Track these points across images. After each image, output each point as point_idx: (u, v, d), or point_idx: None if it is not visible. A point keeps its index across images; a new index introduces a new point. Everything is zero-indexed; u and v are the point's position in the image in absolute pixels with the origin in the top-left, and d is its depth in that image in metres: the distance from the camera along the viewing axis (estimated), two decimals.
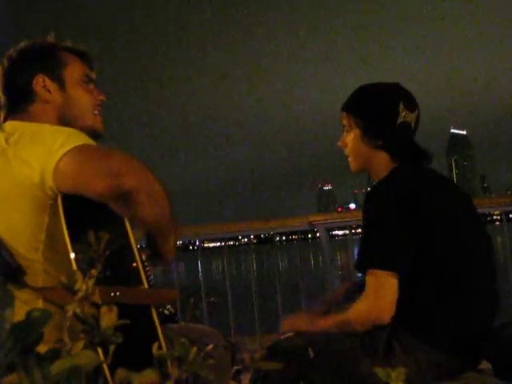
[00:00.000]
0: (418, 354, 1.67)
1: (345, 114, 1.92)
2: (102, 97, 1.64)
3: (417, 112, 1.87)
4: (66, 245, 1.23)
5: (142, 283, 1.27)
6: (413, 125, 1.85)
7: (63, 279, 0.64)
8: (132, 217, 1.29)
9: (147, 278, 1.36)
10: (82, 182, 1.25)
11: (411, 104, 1.86)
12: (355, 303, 1.75)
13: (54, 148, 1.27)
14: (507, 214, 4.09)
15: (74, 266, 1.21)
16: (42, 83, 1.54)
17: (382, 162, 1.85)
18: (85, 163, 1.26)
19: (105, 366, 1.11)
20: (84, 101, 1.59)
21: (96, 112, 1.62)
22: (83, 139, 1.31)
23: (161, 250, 1.42)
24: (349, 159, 1.94)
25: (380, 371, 0.58)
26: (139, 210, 1.26)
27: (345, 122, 1.92)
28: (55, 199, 1.28)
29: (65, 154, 1.25)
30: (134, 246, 1.27)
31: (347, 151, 1.93)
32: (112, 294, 1.16)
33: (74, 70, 1.59)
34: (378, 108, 1.86)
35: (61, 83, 1.56)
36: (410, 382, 1.71)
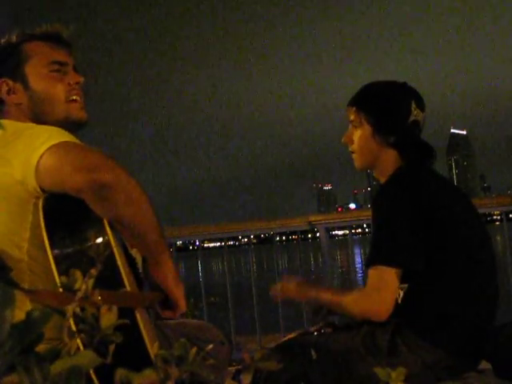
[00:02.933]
0: (424, 353, 1.67)
1: (354, 109, 1.87)
2: (78, 79, 1.54)
3: (425, 111, 1.87)
4: (45, 246, 1.22)
5: (123, 286, 1.24)
6: (421, 124, 1.86)
7: (64, 279, 0.64)
8: (112, 218, 1.27)
9: (136, 279, 1.34)
10: (61, 178, 1.24)
11: (422, 103, 1.86)
12: (354, 293, 1.75)
13: (35, 146, 1.26)
14: (507, 214, 4.09)
15: (54, 267, 1.21)
16: (5, 87, 1.50)
17: (390, 160, 1.84)
18: (63, 159, 1.25)
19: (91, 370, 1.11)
20: (52, 92, 1.50)
21: (75, 97, 1.53)
22: (65, 137, 1.30)
23: (159, 280, 1.35)
24: (354, 156, 1.90)
25: (380, 371, 0.58)
26: (117, 208, 1.25)
27: (353, 117, 1.88)
28: (38, 198, 1.28)
29: (45, 151, 1.24)
30: (114, 248, 1.25)
31: (353, 147, 1.90)
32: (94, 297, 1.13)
33: (37, 62, 1.51)
34: (392, 105, 1.84)
35: (23, 81, 1.50)
36: (415, 380, 1.71)
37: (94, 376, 1.11)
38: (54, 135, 1.30)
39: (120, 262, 1.25)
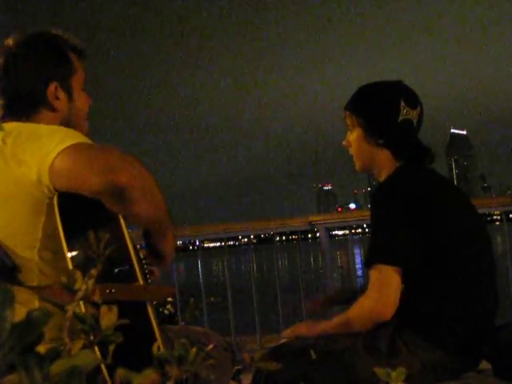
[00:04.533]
0: (424, 353, 1.67)
1: (348, 113, 1.92)
2: (91, 101, 1.59)
3: (419, 109, 1.85)
4: (61, 244, 1.23)
5: (137, 280, 1.27)
6: (415, 122, 1.84)
7: (63, 279, 0.64)
8: (127, 214, 1.29)
9: (144, 275, 1.36)
10: (77, 179, 1.24)
11: (412, 101, 1.85)
12: (358, 300, 1.75)
13: (50, 147, 1.26)
14: (507, 213, 4.09)
15: (70, 265, 1.21)
16: (54, 91, 1.49)
17: (385, 161, 1.85)
18: (79, 160, 1.25)
19: (103, 367, 1.12)
20: (83, 109, 1.56)
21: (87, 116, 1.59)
22: (80, 138, 1.31)
23: (160, 250, 1.40)
24: (354, 158, 1.94)
25: (380, 371, 0.58)
26: (134, 206, 1.26)
27: (348, 121, 1.92)
28: (52, 198, 1.28)
29: (60, 152, 1.24)
30: (128, 243, 1.27)
31: (351, 150, 1.93)
32: (107, 291, 1.16)
33: (79, 78, 1.54)
34: (379, 106, 1.85)
35: (69, 92, 1.52)
36: (414, 381, 1.71)
37: (106, 373, 1.12)
38: (69, 135, 1.30)
39: (134, 258, 1.27)
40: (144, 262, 1.47)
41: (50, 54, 1.51)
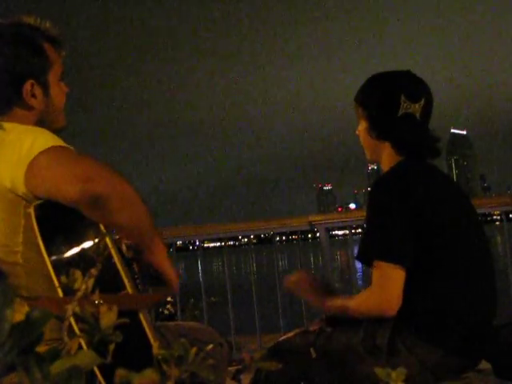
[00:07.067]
0: (423, 353, 1.66)
1: (356, 104, 1.91)
2: (67, 89, 1.52)
3: (423, 101, 1.80)
4: (40, 249, 1.21)
5: (124, 288, 1.24)
6: (418, 115, 1.79)
7: (63, 280, 0.64)
8: (107, 224, 1.26)
9: (133, 281, 1.34)
10: (53, 188, 1.22)
11: (415, 94, 1.80)
12: (360, 294, 1.75)
13: (22, 153, 1.23)
14: (507, 213, 4.09)
15: (51, 270, 1.19)
16: (30, 89, 1.43)
17: (388, 155, 1.84)
18: (55, 169, 1.23)
19: (96, 369, 1.10)
20: (60, 102, 1.50)
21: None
22: (51, 140, 1.27)
23: (152, 266, 1.36)
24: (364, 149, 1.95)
25: (380, 371, 0.58)
26: (112, 216, 1.24)
27: (356, 112, 1.92)
28: (29, 201, 1.26)
29: (34, 158, 1.22)
30: (112, 250, 1.24)
31: (360, 141, 1.94)
32: (96, 302, 1.13)
33: (56, 70, 1.47)
34: (379, 99, 1.83)
35: (46, 88, 1.45)
36: (414, 381, 1.71)
37: (100, 377, 1.11)
38: (40, 139, 1.27)
39: (119, 263, 1.25)
40: (131, 263, 1.44)
41: (23, 50, 1.42)
